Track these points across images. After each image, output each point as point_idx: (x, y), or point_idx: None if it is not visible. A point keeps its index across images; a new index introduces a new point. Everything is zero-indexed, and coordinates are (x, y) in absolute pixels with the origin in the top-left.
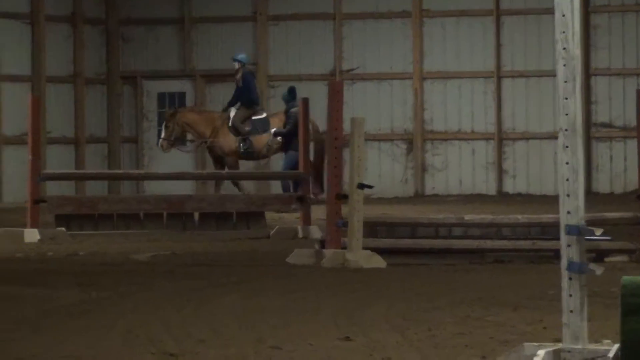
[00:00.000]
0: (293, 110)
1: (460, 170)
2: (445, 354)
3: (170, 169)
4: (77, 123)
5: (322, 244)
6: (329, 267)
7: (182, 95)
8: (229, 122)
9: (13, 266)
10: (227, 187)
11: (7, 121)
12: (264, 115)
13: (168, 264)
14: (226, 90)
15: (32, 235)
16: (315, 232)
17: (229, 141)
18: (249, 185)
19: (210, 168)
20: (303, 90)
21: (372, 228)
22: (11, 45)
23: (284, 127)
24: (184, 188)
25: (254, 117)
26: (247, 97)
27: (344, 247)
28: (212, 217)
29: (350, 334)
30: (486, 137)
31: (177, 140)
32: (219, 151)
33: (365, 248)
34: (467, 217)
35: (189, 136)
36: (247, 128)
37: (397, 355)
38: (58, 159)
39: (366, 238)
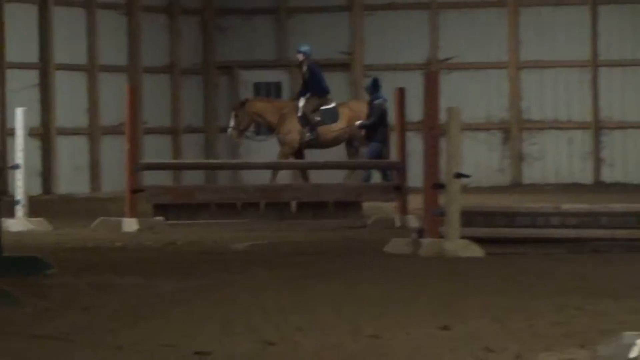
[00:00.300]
0: (377, 102)
1: (557, 159)
2: (544, 343)
3: (267, 158)
4: (173, 113)
5: (420, 233)
6: (426, 257)
7: (277, 85)
8: (298, 111)
9: (112, 255)
10: (322, 177)
11: (104, 111)
12: (333, 104)
13: (265, 253)
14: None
15: (130, 224)
16: (413, 222)
17: (291, 131)
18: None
19: (308, 157)
20: (399, 79)
21: (469, 217)
22: (108, 36)
23: (367, 118)
24: (281, 177)
25: (322, 107)
26: (317, 87)
27: (442, 237)
28: (309, 207)
29: (449, 323)
30: (583, 127)
31: (246, 130)
32: (281, 140)
33: (462, 237)
34: (565, 206)
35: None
36: (317, 118)
37: (496, 345)
38: (155, 149)
39: (464, 227)
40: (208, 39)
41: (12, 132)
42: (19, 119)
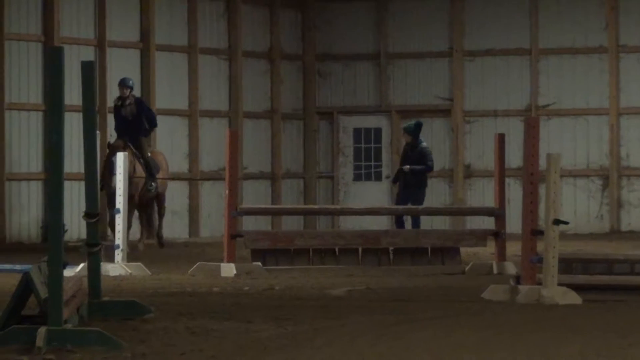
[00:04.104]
0: (425, 145)
1: None
2: None
3: (366, 204)
4: (273, 158)
5: (518, 280)
6: (524, 304)
7: (378, 130)
8: (139, 159)
9: (210, 300)
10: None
11: (205, 156)
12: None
13: (363, 299)
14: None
15: (228, 269)
16: (511, 268)
17: (139, 181)
18: (443, 221)
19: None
20: (499, 125)
21: (567, 264)
22: (209, 81)
23: (418, 162)
24: (380, 223)
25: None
26: (150, 125)
27: (539, 283)
28: (407, 253)
29: None
30: None
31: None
32: (133, 190)
33: (560, 284)
34: None
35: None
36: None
37: None
38: (254, 194)
39: (561, 274)
40: (308, 84)
41: None
42: (120, 163)
